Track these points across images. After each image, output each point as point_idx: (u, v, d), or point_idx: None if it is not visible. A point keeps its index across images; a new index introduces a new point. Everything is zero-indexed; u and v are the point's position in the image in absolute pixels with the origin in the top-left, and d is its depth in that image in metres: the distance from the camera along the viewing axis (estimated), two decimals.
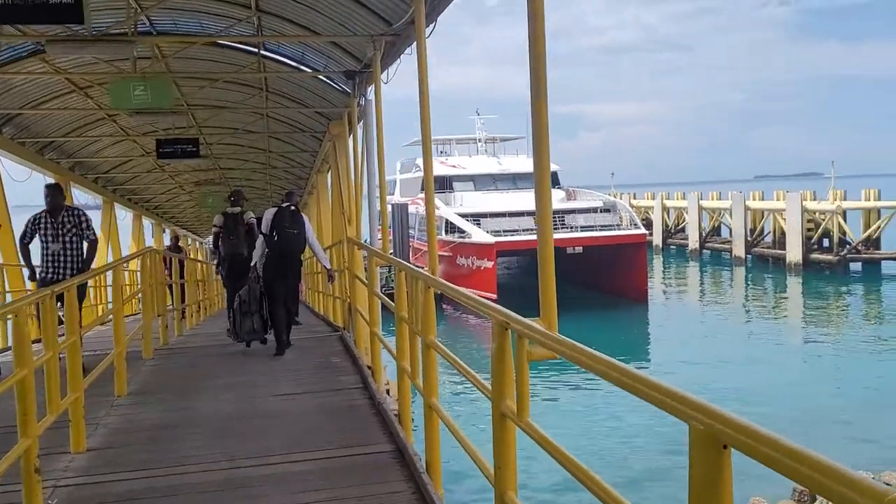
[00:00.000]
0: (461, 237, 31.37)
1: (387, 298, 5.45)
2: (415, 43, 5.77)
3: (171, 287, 11.62)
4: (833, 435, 12.82)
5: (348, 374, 6.58)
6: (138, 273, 10.53)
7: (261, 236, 8.15)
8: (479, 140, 41.73)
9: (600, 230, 31.07)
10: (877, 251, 37.77)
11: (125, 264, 9.59)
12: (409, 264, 4.54)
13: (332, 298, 10.22)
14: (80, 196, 17.60)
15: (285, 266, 7.99)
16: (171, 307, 10.87)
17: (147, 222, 30.74)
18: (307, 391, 6.08)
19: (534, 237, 3.41)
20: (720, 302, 31.42)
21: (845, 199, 38.36)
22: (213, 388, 6.46)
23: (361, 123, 8.37)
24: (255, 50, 8.65)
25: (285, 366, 7.36)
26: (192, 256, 22.95)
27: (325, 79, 9.31)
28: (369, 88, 7.75)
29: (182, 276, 12.29)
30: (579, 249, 30.10)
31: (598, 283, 31.67)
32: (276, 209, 8.03)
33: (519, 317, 2.67)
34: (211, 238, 10.61)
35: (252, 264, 8.38)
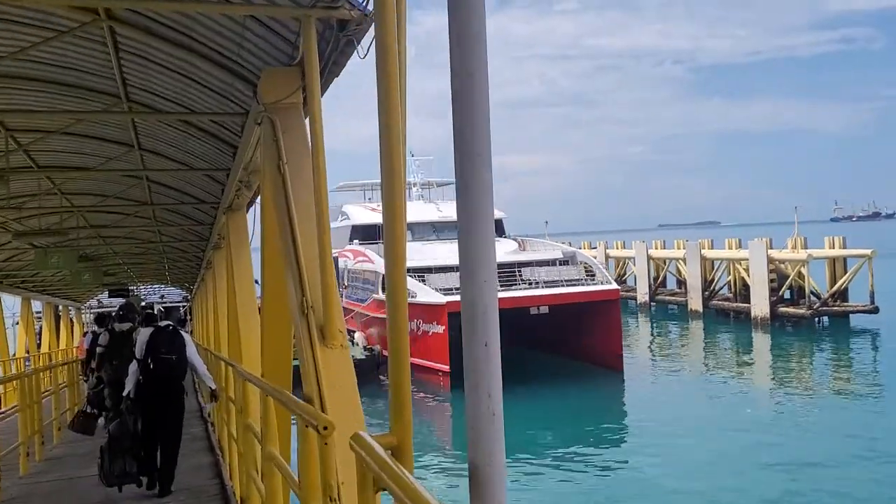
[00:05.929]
0: None
1: None
2: None
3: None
4: None
5: None
6: None
7: (134, 362, 7.36)
8: (415, 184, 36.95)
9: (566, 285, 26.63)
10: (845, 303, 35.14)
11: None
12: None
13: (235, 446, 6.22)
14: None
15: (162, 398, 7.18)
16: None
17: (11, 299, 24.45)
18: None
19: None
20: (703, 371, 27.15)
21: (805, 248, 35.74)
22: None
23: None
24: None
25: None
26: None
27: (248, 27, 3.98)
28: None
29: None
30: (545, 309, 25.49)
31: (567, 347, 27.12)
32: (151, 329, 7.31)
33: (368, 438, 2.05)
34: (95, 361, 9.23)
35: (125, 393, 7.35)
